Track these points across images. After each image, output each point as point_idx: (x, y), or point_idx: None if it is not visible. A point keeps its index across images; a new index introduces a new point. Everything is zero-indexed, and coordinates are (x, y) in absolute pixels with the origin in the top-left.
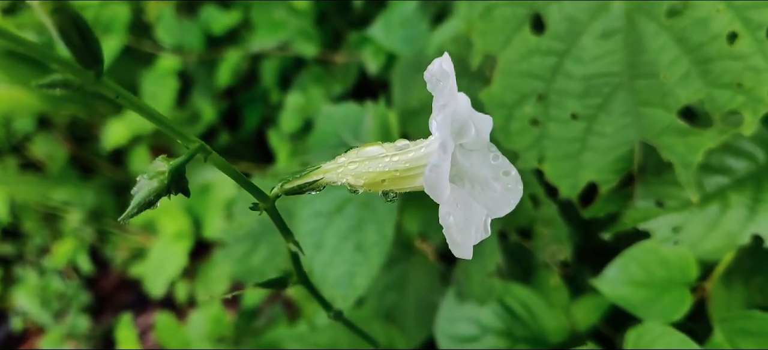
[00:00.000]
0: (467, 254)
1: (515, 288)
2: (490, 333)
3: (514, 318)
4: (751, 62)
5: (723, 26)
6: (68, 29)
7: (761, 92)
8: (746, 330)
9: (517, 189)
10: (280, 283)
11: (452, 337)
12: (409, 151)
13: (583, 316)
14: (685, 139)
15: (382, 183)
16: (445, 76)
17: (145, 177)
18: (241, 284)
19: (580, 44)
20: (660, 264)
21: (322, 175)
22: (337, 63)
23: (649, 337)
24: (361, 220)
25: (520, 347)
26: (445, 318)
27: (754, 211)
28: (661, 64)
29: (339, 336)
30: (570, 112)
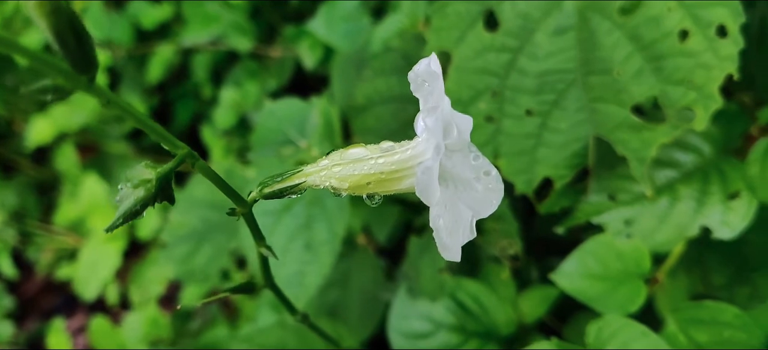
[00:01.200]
0: (456, 256)
1: (467, 283)
2: (443, 329)
3: (466, 313)
4: (702, 59)
5: (674, 24)
6: (65, 32)
7: (712, 89)
8: (699, 319)
9: (499, 188)
10: (248, 288)
11: (405, 334)
12: (394, 152)
13: (530, 309)
14: (639, 134)
15: (367, 186)
16: (432, 77)
17: (129, 185)
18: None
19: (534, 41)
20: (615, 257)
21: (303, 178)
22: (272, 57)
23: (609, 330)
24: (310, 218)
25: (472, 342)
26: (398, 315)
27: (701, 204)
28: (615, 61)
29: (287, 336)
30: (525, 109)
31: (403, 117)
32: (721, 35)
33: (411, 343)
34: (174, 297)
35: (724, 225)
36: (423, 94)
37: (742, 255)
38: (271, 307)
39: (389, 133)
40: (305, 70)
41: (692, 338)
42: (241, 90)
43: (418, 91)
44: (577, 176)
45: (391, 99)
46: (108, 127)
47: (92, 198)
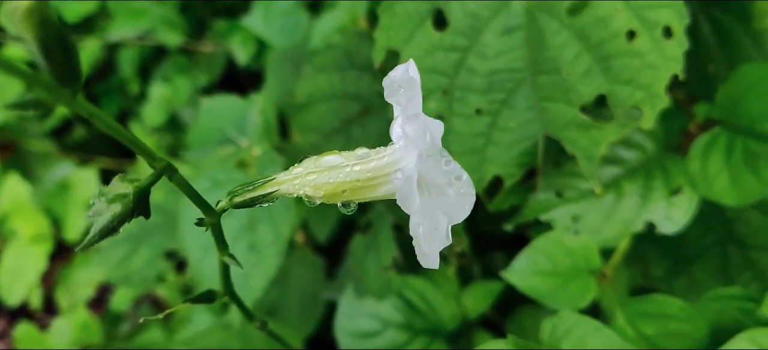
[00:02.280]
0: (434, 263)
1: (413, 280)
2: (390, 327)
3: (413, 311)
4: (649, 59)
5: (622, 25)
6: (51, 43)
7: (658, 88)
8: (646, 312)
9: (470, 193)
10: (207, 297)
11: (353, 333)
12: (370, 160)
13: (474, 304)
14: (587, 132)
15: (342, 194)
16: (409, 84)
17: (104, 200)
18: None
19: (483, 40)
20: (565, 253)
21: (276, 186)
22: (202, 52)
23: (563, 327)
24: (253, 219)
25: (420, 339)
26: (345, 314)
27: (646, 199)
28: (564, 61)
29: (229, 338)
30: (474, 108)
31: (345, 114)
32: (666, 36)
33: (359, 342)
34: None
35: (667, 220)
36: (398, 101)
37: (680, 248)
38: (208, 308)
39: (332, 131)
40: (237, 66)
41: (640, 331)
42: (171, 86)
43: (393, 97)
44: (526, 174)
45: (333, 96)
46: (28, 125)
47: (14, 199)
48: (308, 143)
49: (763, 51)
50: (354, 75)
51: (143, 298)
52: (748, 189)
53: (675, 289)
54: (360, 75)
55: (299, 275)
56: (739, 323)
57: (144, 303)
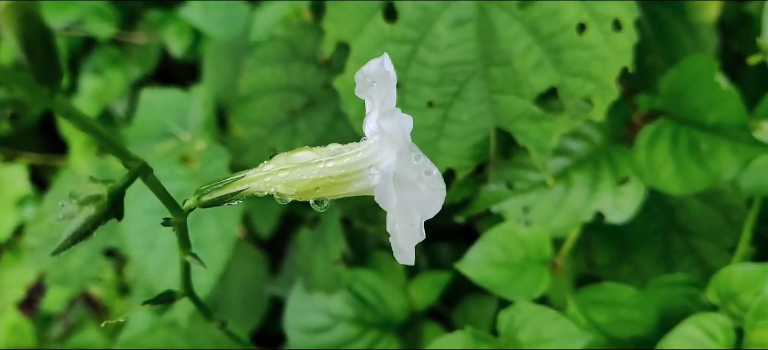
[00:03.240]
0: (410, 260)
1: (363, 274)
2: (341, 322)
3: (364, 305)
4: (599, 52)
5: (572, 17)
6: (34, 41)
7: (609, 80)
8: (597, 300)
9: (441, 188)
10: (167, 298)
11: (303, 329)
12: (344, 156)
13: (421, 295)
14: (539, 124)
15: (315, 191)
16: (384, 79)
17: (75, 202)
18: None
19: (434, 33)
20: (518, 244)
21: (246, 184)
22: (134, 44)
23: (520, 318)
24: (197, 215)
25: (371, 333)
26: (294, 310)
27: (594, 189)
28: (515, 53)
29: (174, 337)
30: (426, 100)
31: (289, 107)
32: (616, 29)
33: (309, 338)
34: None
35: (615, 209)
36: (370, 95)
37: (624, 236)
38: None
39: (276, 125)
40: (171, 58)
41: (591, 319)
42: (103, 78)
43: (364, 91)
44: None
45: (277, 89)
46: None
47: None
48: (252, 137)
49: (698, 43)
50: (298, 67)
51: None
52: (694, 179)
53: (619, 276)
54: (304, 67)
55: (241, 270)
56: (686, 308)
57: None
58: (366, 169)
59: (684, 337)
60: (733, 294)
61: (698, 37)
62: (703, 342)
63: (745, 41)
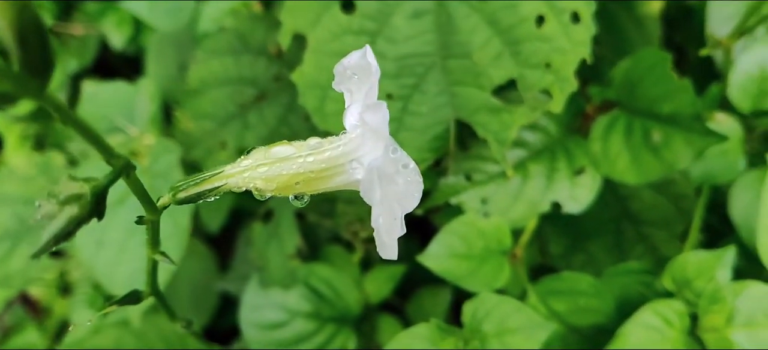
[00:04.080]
0: (394, 254)
1: (319, 268)
2: (298, 317)
3: (320, 299)
4: (558, 44)
5: (531, 9)
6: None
7: (567, 72)
8: (557, 290)
9: (418, 181)
10: (133, 298)
11: (258, 325)
12: (324, 150)
13: (376, 289)
14: (499, 116)
15: (295, 186)
16: (365, 71)
17: (55, 201)
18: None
19: (392, 24)
20: (478, 235)
21: (223, 180)
22: (72, 35)
23: (484, 309)
24: None
25: (328, 327)
26: (250, 306)
27: (550, 180)
28: (474, 45)
29: (123, 336)
30: (385, 93)
31: (240, 100)
32: (574, 21)
33: (266, 334)
34: None
35: (572, 199)
36: (349, 88)
37: (577, 225)
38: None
39: (227, 118)
40: (110, 50)
41: (551, 308)
42: None
43: (343, 84)
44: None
45: (227, 81)
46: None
47: None
48: (201, 130)
49: (644, 35)
50: (249, 59)
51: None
52: (649, 169)
53: (573, 265)
54: (255, 59)
55: (189, 266)
56: (642, 295)
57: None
58: (347, 163)
59: (641, 324)
60: (687, 281)
61: (644, 29)
62: (660, 328)
63: (686, 34)
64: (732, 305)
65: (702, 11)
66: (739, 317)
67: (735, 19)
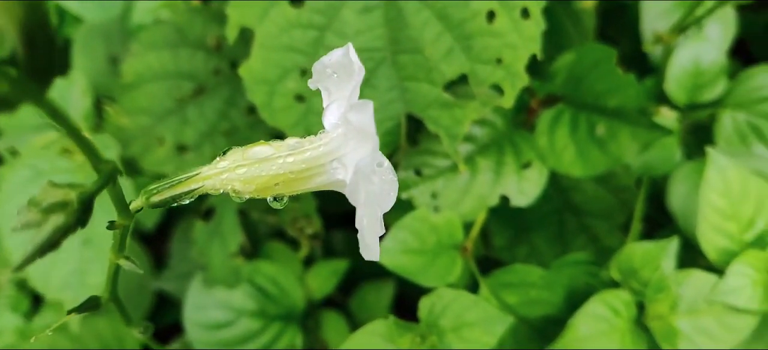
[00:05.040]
0: (376, 255)
1: (264, 265)
2: (244, 316)
3: (266, 297)
4: (509, 39)
5: (482, 5)
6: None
7: (518, 67)
8: (508, 282)
9: (393, 180)
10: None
11: (203, 325)
12: (304, 150)
13: (319, 285)
14: (450, 111)
15: (274, 187)
16: (345, 70)
17: (36, 210)
18: None
19: (341, 18)
20: (431, 230)
21: (200, 182)
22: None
23: (441, 304)
24: None
25: (274, 325)
26: (193, 306)
27: (498, 174)
28: (426, 40)
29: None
30: None
31: (178, 94)
32: (524, 17)
33: (210, 334)
34: None
35: (520, 193)
36: (327, 86)
37: (520, 217)
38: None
39: (164, 113)
40: None
41: (503, 300)
42: None
43: (321, 82)
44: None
45: (164, 75)
46: None
47: None
48: (137, 126)
49: (580, 29)
50: (187, 52)
51: None
52: (595, 162)
53: (516, 257)
54: (193, 52)
55: None
56: (590, 286)
57: None
58: (328, 163)
59: (590, 314)
60: (634, 271)
61: (580, 23)
62: (608, 317)
63: (619, 28)
64: (676, 293)
65: (635, 6)
66: (683, 304)
67: (668, 15)
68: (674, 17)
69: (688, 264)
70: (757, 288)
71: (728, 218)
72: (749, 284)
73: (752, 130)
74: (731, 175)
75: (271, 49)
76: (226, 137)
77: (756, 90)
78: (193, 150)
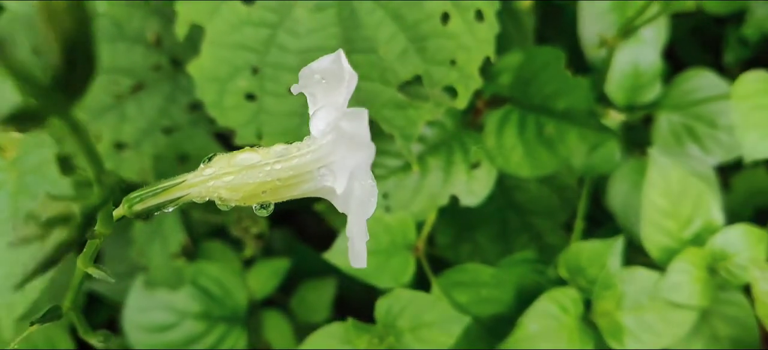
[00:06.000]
0: (364, 262)
1: (207, 266)
2: (188, 318)
3: (210, 299)
4: (463, 41)
5: (436, 7)
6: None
7: (472, 69)
8: (460, 282)
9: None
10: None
11: (145, 328)
12: (292, 157)
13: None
14: (404, 112)
15: (261, 195)
16: (334, 76)
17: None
18: None
19: (294, 17)
20: (384, 230)
21: (185, 190)
22: None
23: (399, 305)
24: (17, 212)
25: (219, 327)
26: (134, 308)
27: (448, 174)
28: (380, 40)
29: None
30: (287, 86)
31: (116, 90)
32: (479, 19)
33: (152, 337)
34: None
35: (469, 193)
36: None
37: (464, 216)
38: None
39: (102, 109)
40: None
41: (454, 300)
42: None
43: (307, 87)
44: None
45: (101, 70)
46: None
47: None
48: None
49: (520, 29)
50: (125, 47)
51: None
52: (543, 162)
53: (460, 254)
54: (131, 47)
55: None
56: (538, 284)
57: None
58: (316, 170)
59: (540, 312)
60: (581, 269)
61: (520, 23)
62: (556, 315)
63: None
64: (621, 290)
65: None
66: (628, 301)
67: (605, 16)
68: (611, 19)
69: (628, 261)
70: (696, 284)
71: (669, 217)
72: (689, 280)
73: (687, 131)
74: (671, 174)
75: (222, 47)
76: (166, 135)
77: (690, 92)
78: (132, 147)
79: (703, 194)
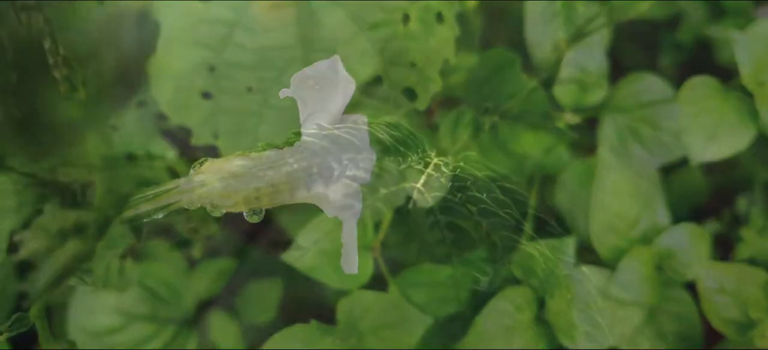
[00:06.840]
0: (356, 268)
1: (155, 267)
2: (135, 321)
3: (158, 300)
4: (422, 43)
5: (396, 6)
6: None
7: (432, 71)
8: (418, 282)
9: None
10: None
11: (90, 331)
12: (285, 162)
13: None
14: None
15: (254, 201)
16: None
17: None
18: None
19: (251, 15)
20: None
21: (178, 196)
22: None
23: (360, 306)
24: None
25: (168, 329)
26: (79, 310)
27: (403, 174)
28: (339, 41)
29: None
30: (245, 85)
31: None
32: (439, 21)
33: (98, 341)
34: None
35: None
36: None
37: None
38: None
39: None
40: None
41: (412, 300)
42: None
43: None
44: None
45: None
46: None
47: None
48: None
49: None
50: None
51: None
52: (497, 163)
53: (408, 253)
54: None
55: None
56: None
57: None
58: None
59: (497, 311)
60: (533, 269)
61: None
62: (512, 313)
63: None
64: (573, 289)
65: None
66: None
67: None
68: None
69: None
70: (645, 282)
71: (617, 216)
72: (638, 279)
73: (631, 133)
74: (620, 175)
75: (177, 43)
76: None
77: (635, 95)
78: None
79: (649, 194)
